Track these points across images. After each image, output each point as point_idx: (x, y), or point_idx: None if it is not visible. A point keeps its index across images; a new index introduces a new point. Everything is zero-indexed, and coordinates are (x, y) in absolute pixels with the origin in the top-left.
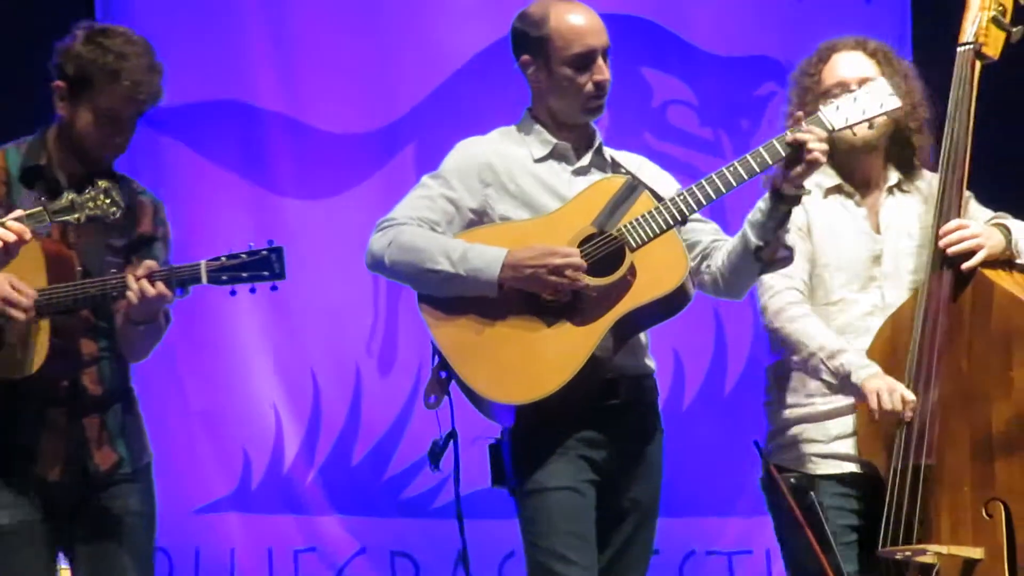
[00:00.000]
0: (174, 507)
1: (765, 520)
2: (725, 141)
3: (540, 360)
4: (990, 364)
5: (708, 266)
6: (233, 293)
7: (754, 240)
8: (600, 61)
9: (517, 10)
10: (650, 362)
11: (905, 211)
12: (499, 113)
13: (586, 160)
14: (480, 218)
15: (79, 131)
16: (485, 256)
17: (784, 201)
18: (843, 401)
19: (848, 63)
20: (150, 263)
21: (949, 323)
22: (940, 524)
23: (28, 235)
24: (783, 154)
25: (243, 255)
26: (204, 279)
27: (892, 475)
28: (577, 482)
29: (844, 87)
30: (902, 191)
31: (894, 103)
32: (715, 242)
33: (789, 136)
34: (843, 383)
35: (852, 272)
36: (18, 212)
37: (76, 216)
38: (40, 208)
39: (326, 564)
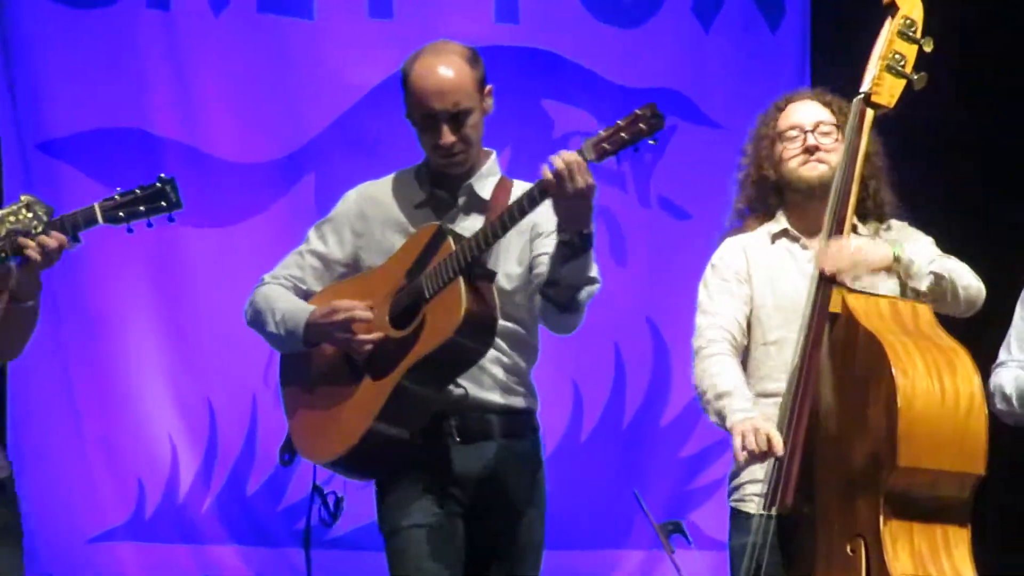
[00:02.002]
0: (68, 536)
1: (661, 554)
2: (628, 172)
3: (339, 417)
4: (852, 403)
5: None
6: (130, 231)
7: (546, 278)
8: (443, 126)
9: (418, 42)
10: (515, 400)
11: None
12: (400, 144)
13: (459, 205)
14: (351, 268)
15: None
16: (296, 318)
17: (562, 243)
18: None
19: (803, 110)
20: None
21: (827, 364)
22: (816, 564)
23: None
24: (538, 196)
25: (136, 190)
26: (100, 219)
27: (763, 513)
28: (433, 517)
29: (800, 129)
30: (857, 235)
31: (657, 124)
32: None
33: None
34: (723, 427)
35: (791, 312)
36: None
37: None
38: None
39: None
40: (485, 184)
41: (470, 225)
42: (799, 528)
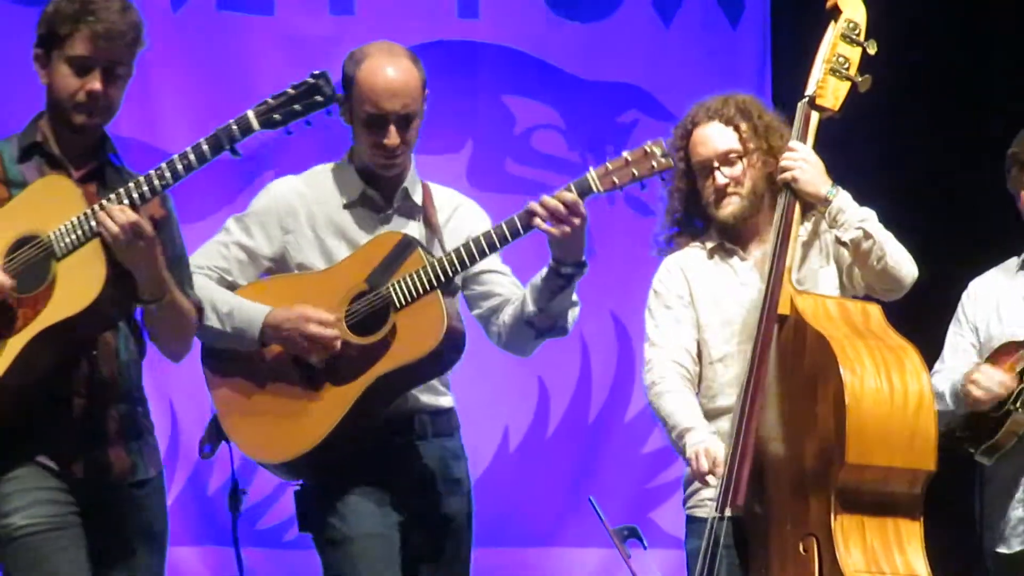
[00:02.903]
0: None
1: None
2: (592, 166)
3: (295, 420)
4: (801, 402)
5: (496, 319)
6: (289, 133)
7: (530, 306)
8: (391, 127)
9: (379, 38)
10: (444, 399)
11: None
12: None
13: (393, 207)
14: (279, 264)
15: (57, 90)
16: (248, 316)
17: (558, 276)
18: None
19: (707, 138)
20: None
21: (776, 365)
22: (771, 564)
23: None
24: (521, 226)
25: (289, 90)
26: (256, 125)
27: (716, 515)
28: (379, 528)
29: (706, 165)
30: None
31: (666, 164)
32: (510, 295)
33: (527, 207)
34: (682, 456)
35: (737, 326)
36: None
37: None
38: None
39: None
40: (416, 189)
41: (406, 230)
42: (753, 529)
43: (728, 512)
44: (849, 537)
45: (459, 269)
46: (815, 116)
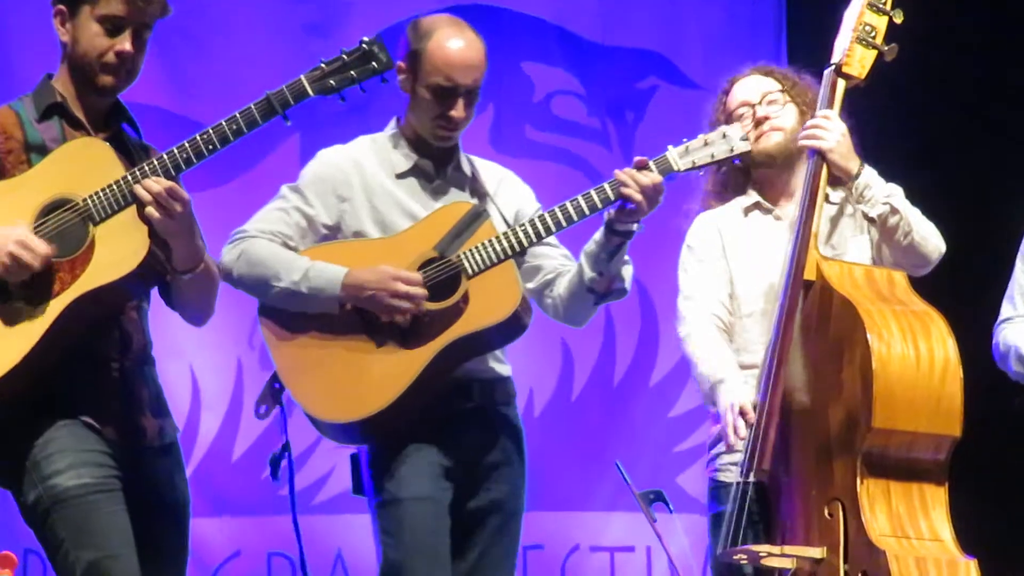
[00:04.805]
0: None
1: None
2: (612, 131)
3: (365, 380)
4: (827, 368)
5: (551, 292)
6: (342, 99)
7: (588, 271)
8: (459, 99)
9: (399, 2)
10: (503, 367)
11: (826, 221)
12: (384, 104)
13: (444, 178)
14: (334, 233)
15: (81, 49)
16: (326, 275)
17: (616, 234)
18: None
19: (748, 86)
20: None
21: (802, 330)
22: (797, 528)
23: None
24: (612, 196)
25: (343, 55)
26: (310, 91)
27: (740, 480)
28: (431, 492)
29: (747, 105)
30: (828, 202)
31: (744, 147)
32: (562, 268)
33: (616, 179)
34: (714, 408)
35: (765, 285)
36: None
37: None
38: None
39: (198, 567)
40: (465, 160)
41: (455, 199)
42: (778, 493)
43: (753, 477)
44: (875, 502)
45: (537, 239)
46: (841, 84)
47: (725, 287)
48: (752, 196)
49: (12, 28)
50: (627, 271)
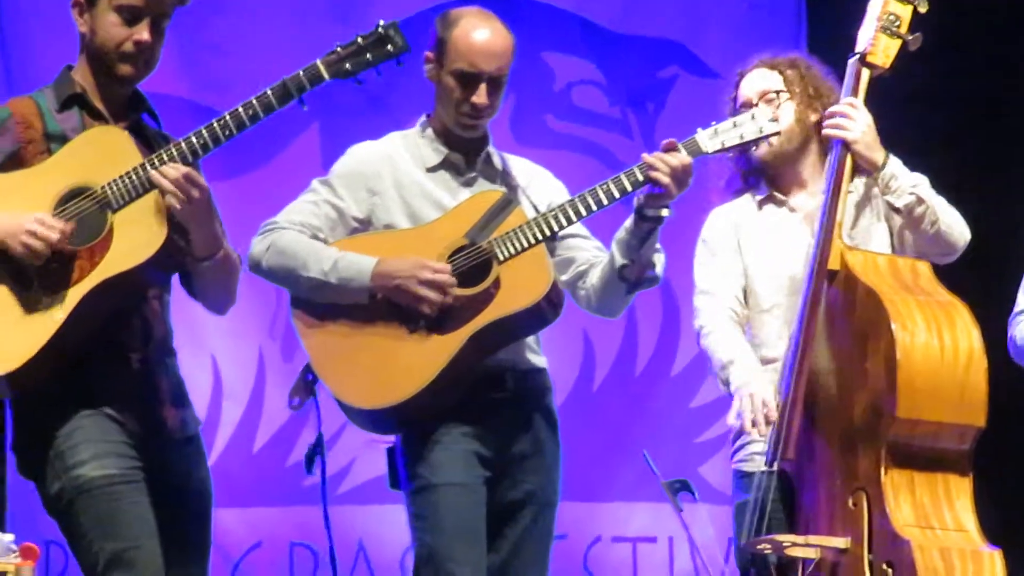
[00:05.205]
0: None
1: (669, 508)
2: (633, 120)
3: (397, 367)
4: (851, 357)
5: (584, 283)
6: (359, 83)
7: (619, 259)
8: (483, 85)
9: None
10: (538, 359)
11: (846, 209)
12: (404, 93)
13: (474, 170)
14: (365, 226)
15: (100, 39)
16: (356, 266)
17: (646, 219)
18: None
19: (750, 82)
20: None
21: (826, 319)
22: (820, 518)
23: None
24: (641, 179)
25: (358, 40)
26: (326, 75)
27: (764, 470)
28: (466, 478)
29: (748, 105)
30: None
31: (773, 128)
32: (594, 259)
33: (644, 162)
34: (729, 393)
35: (785, 278)
36: None
37: None
38: None
39: (220, 558)
40: (495, 154)
41: (475, 191)
42: (802, 483)
43: (777, 466)
44: (899, 491)
45: (567, 223)
46: (866, 73)
47: (739, 281)
48: (765, 188)
49: (32, 21)
50: (659, 259)
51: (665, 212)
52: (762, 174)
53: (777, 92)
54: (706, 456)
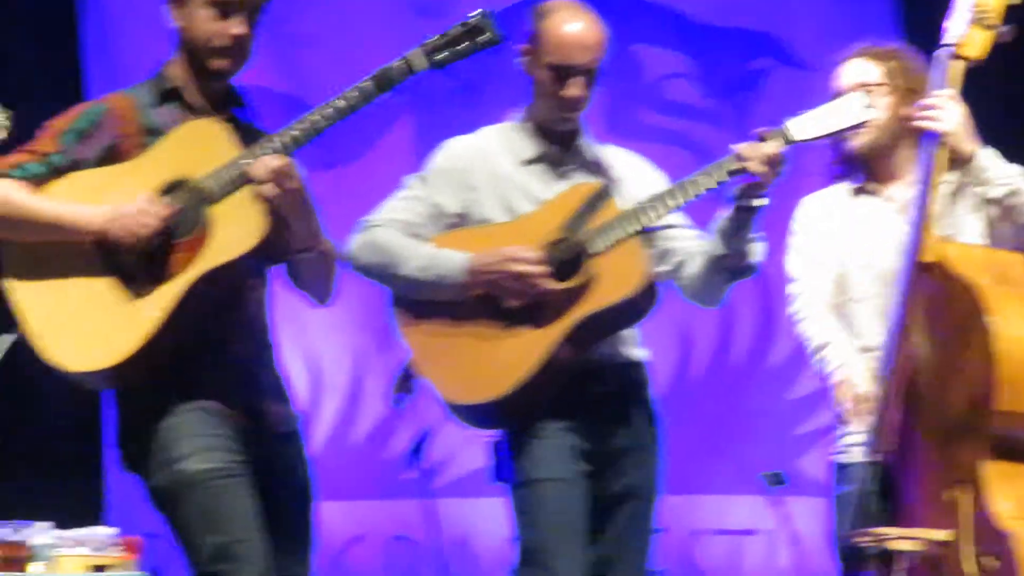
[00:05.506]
0: None
1: (768, 500)
2: (725, 113)
3: (496, 362)
4: (948, 350)
5: (684, 272)
6: (453, 74)
7: (717, 249)
8: (576, 78)
9: None
10: (638, 352)
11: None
12: (498, 86)
13: (570, 163)
14: (461, 221)
15: (193, 34)
16: (449, 262)
17: (742, 209)
18: None
19: (849, 72)
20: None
21: (923, 312)
22: (920, 510)
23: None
24: (734, 169)
25: (452, 30)
26: (420, 65)
27: (864, 462)
28: (567, 473)
29: (845, 93)
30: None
31: (866, 115)
32: (694, 249)
33: (735, 152)
34: (826, 378)
35: (878, 268)
36: None
37: None
38: None
39: (321, 552)
40: (590, 145)
41: (571, 183)
42: (901, 476)
43: (876, 459)
44: (999, 484)
45: (662, 215)
46: (957, 65)
47: (833, 269)
48: (857, 178)
49: (128, 19)
50: (757, 248)
51: (761, 201)
52: (856, 163)
53: (877, 85)
54: (804, 448)
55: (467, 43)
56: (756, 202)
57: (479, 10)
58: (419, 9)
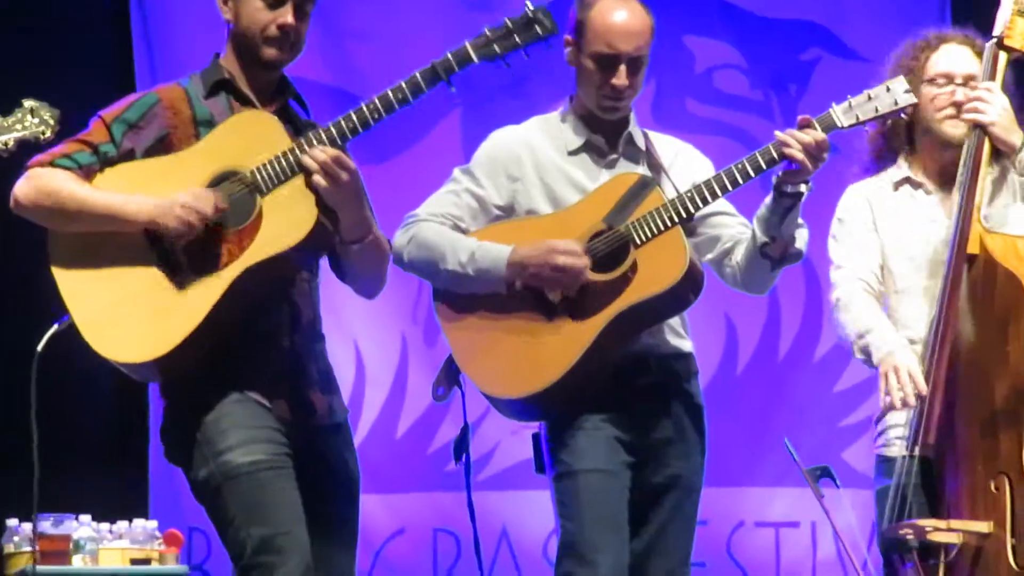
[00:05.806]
0: None
1: (811, 493)
2: (775, 103)
3: (538, 355)
4: (992, 341)
5: (729, 261)
6: (507, 65)
7: (760, 236)
8: (622, 66)
9: None
10: (684, 343)
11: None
12: (545, 78)
13: (617, 152)
14: (507, 213)
15: (244, 24)
16: (491, 255)
17: (785, 196)
18: None
19: (957, 57)
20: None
21: (966, 304)
22: (962, 502)
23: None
24: (776, 157)
25: (507, 23)
26: (474, 57)
27: (906, 455)
28: (608, 464)
29: (949, 79)
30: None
31: (908, 100)
32: (740, 237)
33: (777, 140)
34: (870, 365)
35: (921, 260)
36: None
37: (4, 140)
38: None
39: (363, 544)
40: (638, 135)
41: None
42: (943, 468)
43: (919, 451)
44: None
45: (703, 204)
46: (1003, 57)
47: (876, 258)
48: (903, 169)
49: (180, 11)
50: (801, 234)
51: (804, 188)
52: (902, 151)
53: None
54: (850, 440)
55: (521, 36)
56: (800, 188)
57: (532, 3)
58: (469, 4)
